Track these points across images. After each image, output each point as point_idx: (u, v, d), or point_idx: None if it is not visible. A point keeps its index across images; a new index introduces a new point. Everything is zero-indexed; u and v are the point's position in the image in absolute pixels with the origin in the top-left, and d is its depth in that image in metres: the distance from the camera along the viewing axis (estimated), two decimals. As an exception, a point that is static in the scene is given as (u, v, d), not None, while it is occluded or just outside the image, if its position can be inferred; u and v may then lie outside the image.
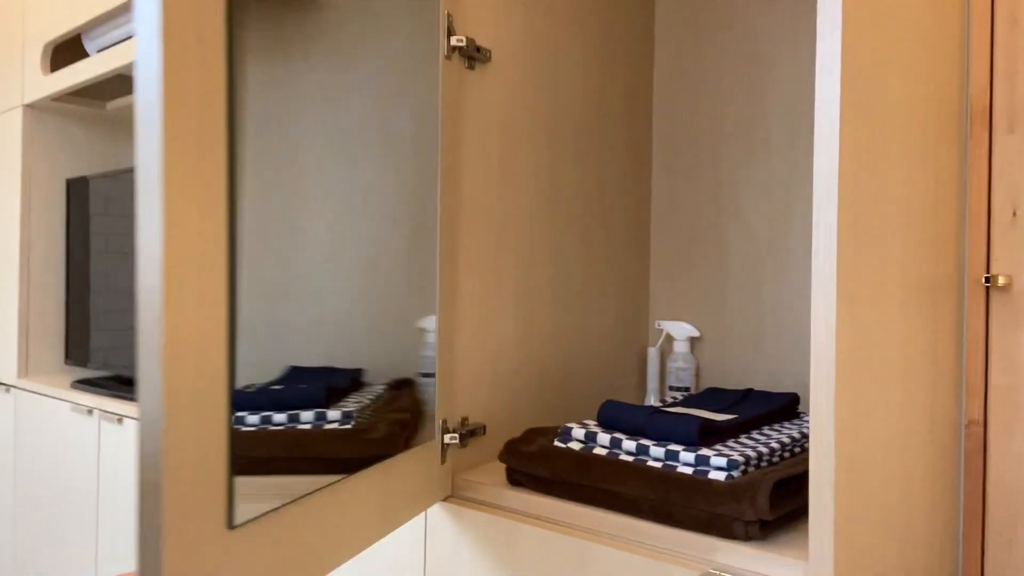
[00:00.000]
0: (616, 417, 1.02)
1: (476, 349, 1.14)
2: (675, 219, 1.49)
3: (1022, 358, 1.16)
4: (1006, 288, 1.17)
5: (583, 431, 1.02)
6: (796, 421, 1.18)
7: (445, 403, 1.06)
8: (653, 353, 1.48)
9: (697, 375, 1.47)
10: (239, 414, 0.75)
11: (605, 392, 1.43)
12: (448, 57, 1.02)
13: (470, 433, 1.12)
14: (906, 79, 0.96)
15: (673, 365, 1.44)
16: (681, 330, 1.45)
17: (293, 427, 1.18)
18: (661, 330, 1.49)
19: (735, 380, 1.43)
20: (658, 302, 1.52)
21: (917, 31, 1.00)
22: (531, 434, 1.08)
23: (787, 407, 1.18)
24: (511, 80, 1.18)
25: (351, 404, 1.20)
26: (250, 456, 1.23)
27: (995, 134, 1.17)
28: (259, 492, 0.74)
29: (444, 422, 1.05)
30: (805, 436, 1.07)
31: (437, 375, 1.03)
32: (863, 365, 0.87)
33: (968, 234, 1.19)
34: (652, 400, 1.48)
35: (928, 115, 1.05)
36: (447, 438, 1.06)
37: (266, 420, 1.22)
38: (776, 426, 1.11)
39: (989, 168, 1.18)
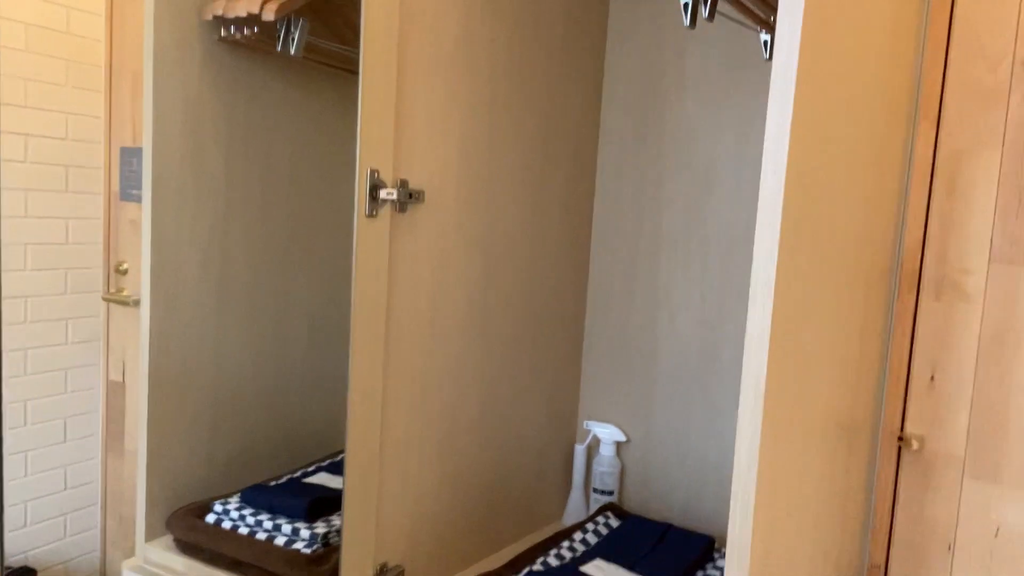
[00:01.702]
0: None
1: (398, 461, 1.13)
2: (610, 320, 1.49)
3: (927, 514, 1.20)
4: (918, 449, 1.20)
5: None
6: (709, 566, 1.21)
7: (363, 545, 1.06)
8: (580, 451, 1.50)
9: (622, 479, 1.49)
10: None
11: (532, 488, 1.44)
12: (372, 215, 0.99)
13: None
14: (843, 235, 0.96)
15: (599, 468, 1.46)
16: (608, 433, 1.46)
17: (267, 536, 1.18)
18: (589, 431, 1.50)
19: (658, 488, 1.46)
20: (588, 402, 1.52)
21: (858, 190, 0.99)
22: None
23: (701, 557, 1.21)
24: (446, 213, 1.15)
25: (320, 527, 1.20)
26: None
27: (921, 299, 1.18)
28: None
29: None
30: None
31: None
32: (780, 502, 0.89)
33: (887, 391, 1.22)
34: (579, 500, 1.50)
35: (860, 271, 1.05)
36: None
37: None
38: None
39: (913, 331, 1.19)
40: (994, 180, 1.12)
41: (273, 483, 1.34)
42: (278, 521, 1.21)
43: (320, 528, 1.19)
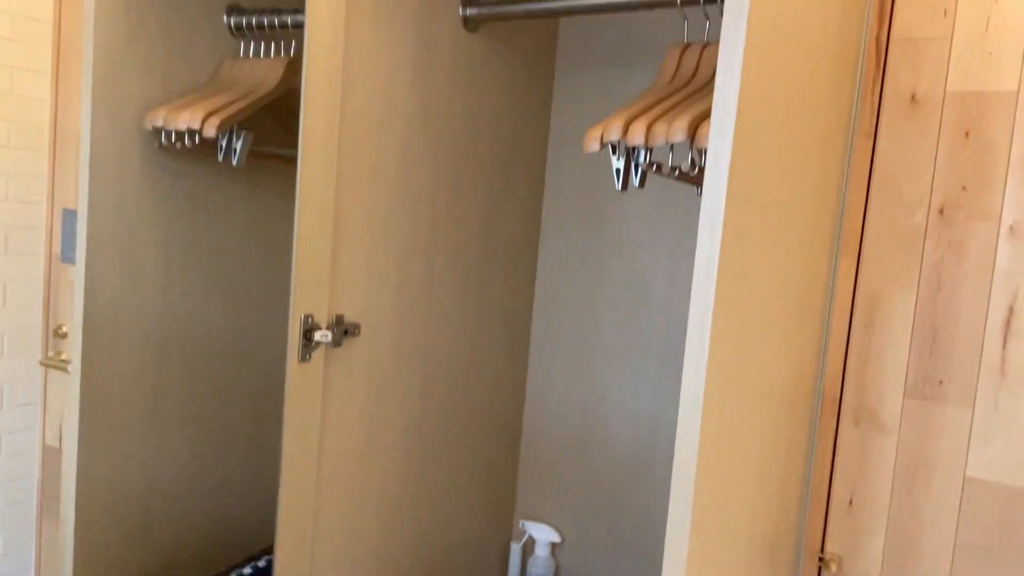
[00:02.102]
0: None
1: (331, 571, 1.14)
2: (547, 423, 1.51)
3: (843, 631, 1.25)
4: (836, 571, 1.24)
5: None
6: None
7: None
8: (515, 550, 1.52)
9: (555, 579, 1.51)
10: None
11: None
12: (305, 359, 1.00)
13: None
14: (771, 360, 1.00)
15: (533, 569, 1.48)
16: (543, 534, 1.49)
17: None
18: (524, 530, 1.53)
19: (591, 585, 1.49)
20: (524, 502, 1.55)
21: (782, 318, 1.03)
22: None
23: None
24: (382, 341, 1.16)
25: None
26: None
27: (842, 425, 1.23)
28: None
29: None
30: None
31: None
32: None
33: (809, 510, 1.26)
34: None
35: (786, 394, 1.09)
36: None
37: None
38: None
39: (834, 455, 1.24)
40: (909, 320, 1.17)
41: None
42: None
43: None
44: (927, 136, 1.14)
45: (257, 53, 1.43)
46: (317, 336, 1.01)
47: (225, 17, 1.43)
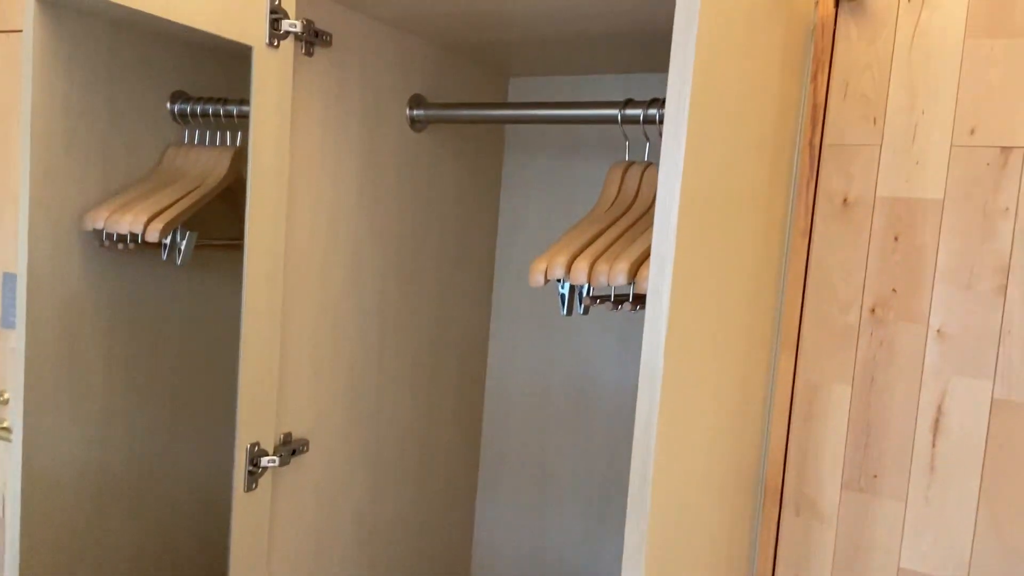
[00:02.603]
0: None
1: None
2: (500, 498, 1.53)
3: None
4: (780, 653, 1.28)
5: None
6: None
7: None
8: (470, 627, 1.53)
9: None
10: None
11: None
12: (252, 488, 1.00)
13: None
14: (714, 456, 1.02)
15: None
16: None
17: None
18: (479, 609, 1.54)
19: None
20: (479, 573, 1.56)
21: (725, 411, 1.06)
22: None
23: None
24: (332, 452, 1.16)
25: None
26: None
27: (784, 513, 1.27)
28: None
29: None
30: None
31: None
32: None
33: (753, 596, 1.30)
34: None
35: (728, 489, 1.12)
36: None
37: None
38: None
39: (776, 542, 1.28)
40: (845, 413, 1.21)
41: None
42: None
43: None
44: (859, 238, 1.19)
45: (203, 141, 1.42)
46: (264, 462, 1.01)
47: (169, 104, 1.42)
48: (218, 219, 1.49)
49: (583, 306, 0.92)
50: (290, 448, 1.05)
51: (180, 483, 1.52)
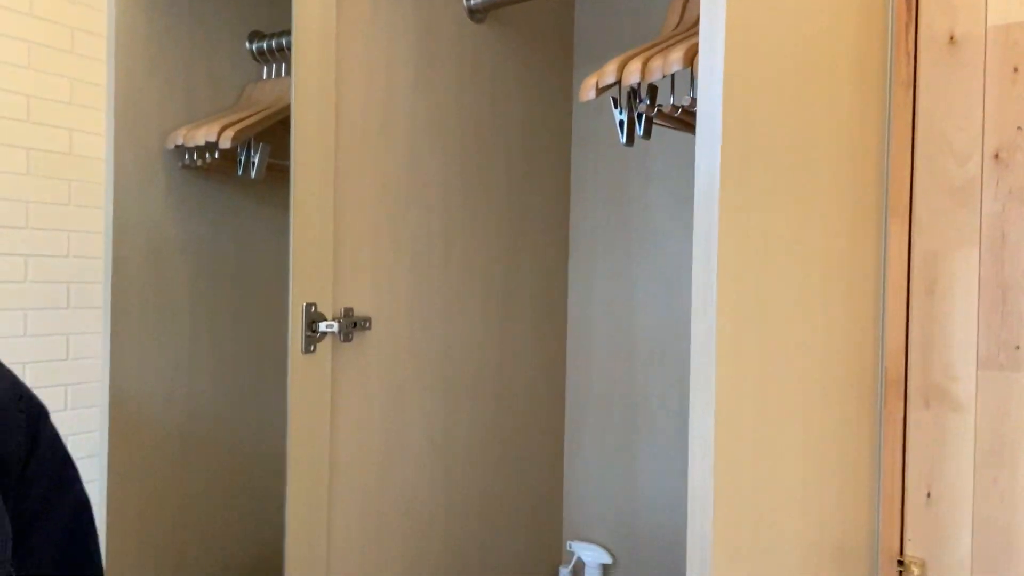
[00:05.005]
0: None
1: None
2: (589, 433, 1.42)
3: (936, 647, 1.09)
4: (920, 575, 1.09)
5: None
6: None
7: None
8: (565, 574, 1.41)
9: (610, 604, 1.39)
10: None
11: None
12: (310, 350, 0.96)
13: None
14: (807, 348, 0.89)
15: (584, 594, 1.37)
16: (593, 555, 1.38)
17: None
18: (573, 553, 1.42)
19: (650, 612, 1.36)
20: (571, 521, 1.44)
21: (829, 297, 0.93)
22: None
23: None
24: (398, 339, 1.11)
25: None
26: None
27: (910, 408, 1.10)
28: None
29: None
30: None
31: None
32: None
33: (882, 509, 1.12)
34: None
35: (838, 380, 0.98)
36: None
37: None
38: None
39: (904, 443, 1.11)
40: (974, 281, 1.05)
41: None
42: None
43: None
44: (972, 77, 1.04)
45: (279, 75, 1.45)
46: (322, 327, 0.97)
47: (247, 43, 1.46)
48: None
49: (643, 124, 0.84)
50: (350, 320, 1.01)
51: (264, 407, 1.51)
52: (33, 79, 1.89)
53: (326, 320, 0.98)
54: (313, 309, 0.97)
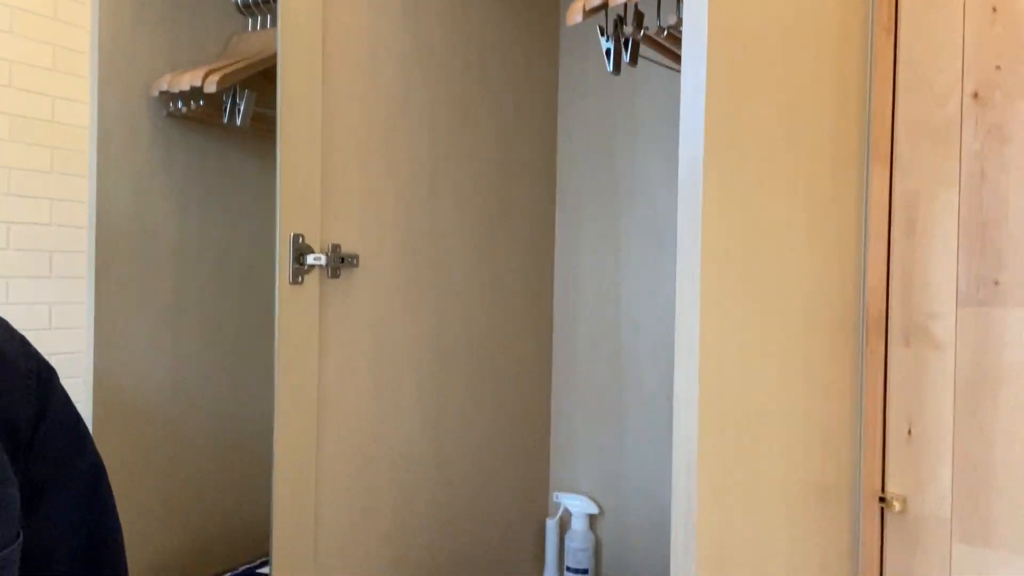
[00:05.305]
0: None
1: (338, 553, 1.07)
2: (576, 384, 1.43)
3: (917, 583, 1.10)
4: (901, 511, 1.11)
5: None
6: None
7: None
8: (551, 525, 1.42)
9: (597, 555, 1.40)
10: None
11: (500, 569, 1.35)
12: (297, 281, 0.96)
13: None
14: (793, 285, 0.91)
15: (571, 544, 1.37)
16: (579, 505, 1.38)
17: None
18: (559, 504, 1.43)
19: (636, 563, 1.37)
20: (558, 472, 1.45)
21: (812, 237, 0.95)
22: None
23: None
24: (386, 277, 1.11)
25: None
26: None
27: (891, 347, 1.12)
28: None
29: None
30: None
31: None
32: (736, 572, 0.81)
33: (864, 447, 1.14)
34: (550, 576, 1.41)
35: (821, 321, 1.00)
36: None
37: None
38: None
39: (885, 381, 1.12)
40: (954, 219, 1.06)
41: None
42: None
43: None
44: (952, 18, 1.06)
45: (264, 27, 1.45)
46: (310, 259, 0.97)
47: (232, -5, 1.46)
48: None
49: (629, 50, 0.85)
50: (338, 255, 1.01)
51: (253, 367, 1.50)
52: (16, 44, 1.87)
53: (314, 252, 0.98)
54: (301, 240, 0.97)
